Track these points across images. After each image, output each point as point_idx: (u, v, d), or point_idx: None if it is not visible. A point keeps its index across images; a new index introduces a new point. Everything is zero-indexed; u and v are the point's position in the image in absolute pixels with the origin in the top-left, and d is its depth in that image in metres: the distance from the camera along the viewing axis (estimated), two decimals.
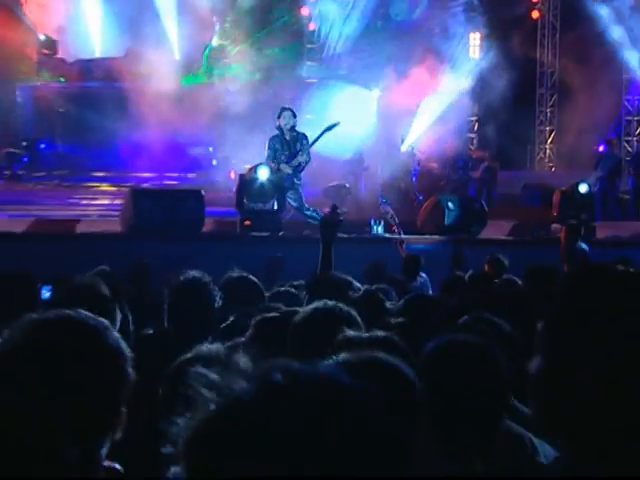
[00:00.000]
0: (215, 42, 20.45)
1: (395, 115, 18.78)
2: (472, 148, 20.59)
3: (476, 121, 21.01)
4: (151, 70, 19.17)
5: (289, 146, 12.34)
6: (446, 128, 19.24)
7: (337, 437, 1.01)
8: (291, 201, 12.33)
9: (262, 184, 12.09)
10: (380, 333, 2.73)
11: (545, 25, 21.19)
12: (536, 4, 21.07)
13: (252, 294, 4.97)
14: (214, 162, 17.79)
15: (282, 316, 3.44)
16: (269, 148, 12.35)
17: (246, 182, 12.17)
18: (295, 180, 12.38)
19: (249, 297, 4.86)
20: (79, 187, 18.00)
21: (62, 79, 20.61)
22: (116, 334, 1.92)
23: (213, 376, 1.09)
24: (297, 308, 3.68)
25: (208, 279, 4.09)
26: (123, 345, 1.90)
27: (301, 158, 12.31)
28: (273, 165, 12.25)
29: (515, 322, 3.37)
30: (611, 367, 1.44)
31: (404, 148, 18.95)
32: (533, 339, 1.59)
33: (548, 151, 21.51)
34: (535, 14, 20.99)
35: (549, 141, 21.45)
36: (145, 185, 16.16)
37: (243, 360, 1.13)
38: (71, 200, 16.60)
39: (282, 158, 12.29)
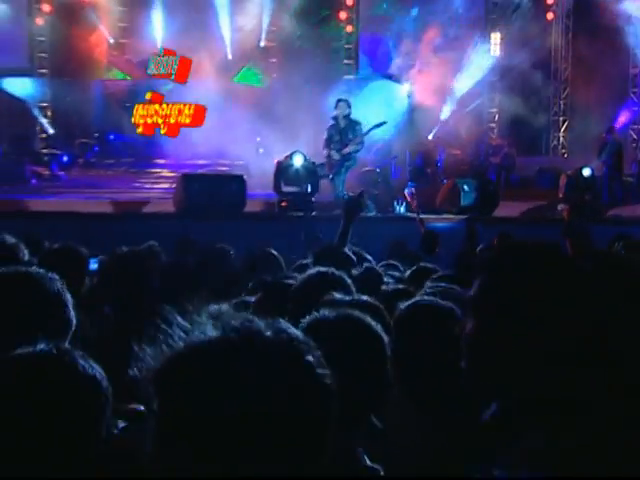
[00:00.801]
0: (262, 43, 20.49)
1: (423, 108, 18.68)
2: (492, 136, 20.43)
3: (496, 112, 20.83)
4: (206, 68, 19.32)
5: (341, 133, 12.39)
6: (468, 119, 19.12)
7: (274, 379, 1.11)
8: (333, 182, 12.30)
9: (297, 170, 12.17)
10: (363, 297, 2.75)
11: (559, 24, 20.88)
12: (551, 6, 20.78)
13: (272, 264, 5.12)
14: (260, 151, 17.90)
15: (285, 282, 3.53)
16: (326, 135, 12.48)
17: (283, 168, 12.25)
18: (346, 163, 12.39)
19: (269, 267, 5.00)
20: (143, 173, 18.26)
21: (129, 77, 20.85)
22: (59, 284, 2.10)
23: (186, 323, 1.19)
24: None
25: (229, 248, 4.17)
26: (65, 293, 2.09)
27: (351, 147, 12.36)
28: (326, 151, 12.35)
29: None
30: (529, 328, 1.47)
31: (431, 136, 18.88)
32: None
33: (561, 139, 21.22)
34: (550, 15, 20.71)
35: (562, 130, 21.17)
36: (199, 171, 16.33)
37: (227, 313, 1.23)
38: (136, 184, 16.88)
39: (335, 144, 12.34)
